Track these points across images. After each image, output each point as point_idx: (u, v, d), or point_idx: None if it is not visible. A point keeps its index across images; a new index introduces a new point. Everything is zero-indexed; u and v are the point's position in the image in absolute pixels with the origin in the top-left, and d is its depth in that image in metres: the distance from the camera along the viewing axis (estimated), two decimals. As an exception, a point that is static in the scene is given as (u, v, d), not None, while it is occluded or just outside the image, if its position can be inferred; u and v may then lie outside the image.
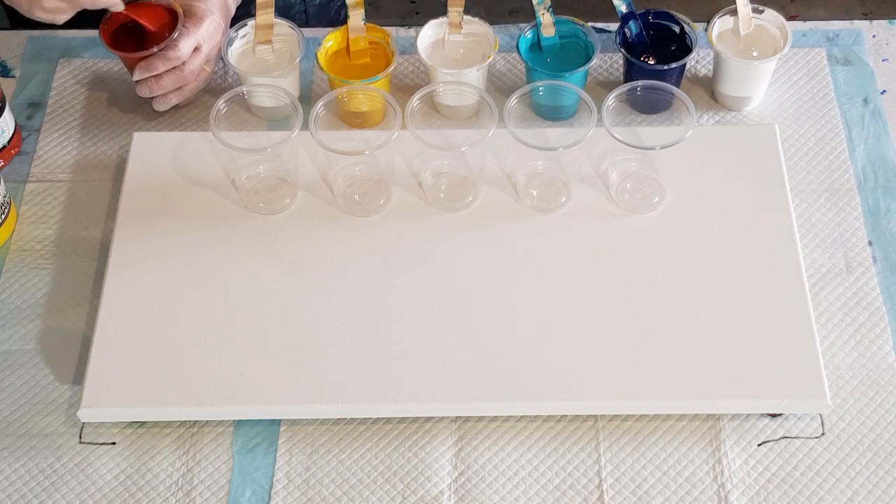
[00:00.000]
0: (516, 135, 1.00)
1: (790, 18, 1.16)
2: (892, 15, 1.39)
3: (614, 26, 1.18)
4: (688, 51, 1.14)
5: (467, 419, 0.98)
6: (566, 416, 0.98)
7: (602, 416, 0.98)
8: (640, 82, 1.06)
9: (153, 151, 1.11)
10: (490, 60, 1.12)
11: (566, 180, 1.08)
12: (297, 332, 0.99)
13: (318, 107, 1.04)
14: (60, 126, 1.19)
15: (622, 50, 1.13)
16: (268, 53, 1.16)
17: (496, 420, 0.98)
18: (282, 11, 1.17)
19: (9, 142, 1.15)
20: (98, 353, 0.98)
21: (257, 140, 1.10)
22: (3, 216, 1.09)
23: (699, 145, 1.08)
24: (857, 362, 1.01)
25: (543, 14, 1.14)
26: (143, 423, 0.98)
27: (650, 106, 1.16)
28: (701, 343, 0.98)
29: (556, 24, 1.14)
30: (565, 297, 1.01)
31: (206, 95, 1.19)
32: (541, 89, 1.09)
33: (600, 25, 1.23)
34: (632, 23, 1.15)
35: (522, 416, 0.98)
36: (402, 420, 0.98)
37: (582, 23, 1.15)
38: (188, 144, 1.12)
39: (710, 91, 1.19)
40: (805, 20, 1.26)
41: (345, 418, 0.98)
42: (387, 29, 1.17)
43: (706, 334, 0.98)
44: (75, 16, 1.11)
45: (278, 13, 1.16)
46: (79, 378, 1.00)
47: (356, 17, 1.15)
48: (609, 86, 1.18)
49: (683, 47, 1.15)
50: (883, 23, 1.26)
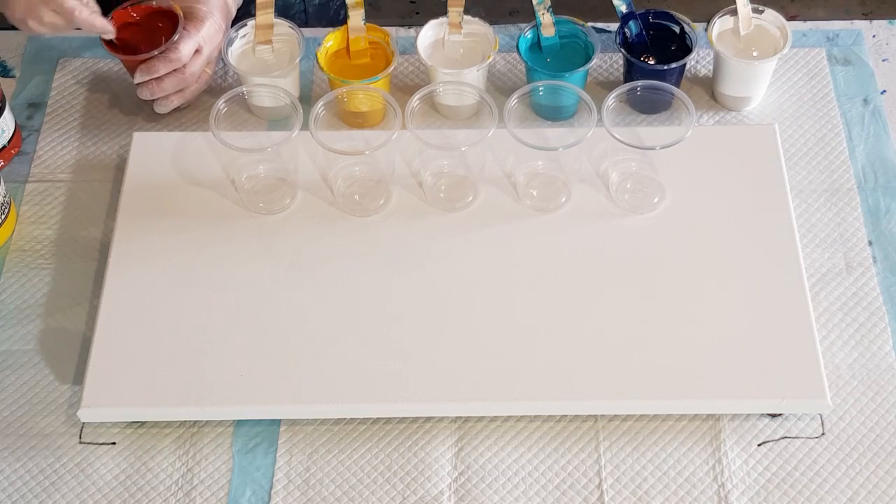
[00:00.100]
0: (516, 135, 1.00)
1: (790, 18, 1.16)
2: (892, 15, 1.38)
3: (614, 26, 1.18)
4: (688, 51, 1.14)
5: (467, 419, 0.98)
6: (566, 416, 0.98)
7: (602, 416, 0.98)
8: (640, 82, 1.06)
9: (153, 151, 1.11)
10: (490, 60, 1.12)
11: (566, 180, 1.08)
12: (296, 332, 0.99)
13: (318, 107, 1.04)
14: (60, 126, 1.19)
15: (622, 50, 1.13)
16: (268, 53, 1.16)
17: (496, 420, 0.98)
18: (281, 11, 1.17)
19: (9, 142, 1.15)
20: (98, 353, 0.98)
21: (257, 140, 1.10)
22: (3, 216, 1.09)
23: (699, 145, 1.08)
24: (857, 362, 1.01)
25: (543, 14, 1.14)
26: (143, 423, 0.98)
27: (650, 106, 1.16)
28: (701, 343, 0.98)
29: (556, 24, 1.14)
30: (565, 297, 1.01)
31: (206, 96, 1.19)
32: (541, 89, 1.09)
33: (600, 25, 1.23)
34: (632, 23, 1.15)
35: (522, 416, 0.98)
36: (402, 420, 0.98)
37: (582, 23, 1.15)
38: (188, 144, 1.12)
39: (710, 91, 1.19)
40: (805, 20, 1.26)
41: (345, 418, 0.98)
42: (387, 29, 1.17)
43: (706, 334, 0.98)
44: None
45: (278, 13, 1.16)
46: (79, 378, 1.00)
47: (356, 17, 1.15)
48: (609, 86, 1.18)
49: (683, 47, 1.15)
50: (883, 23, 1.26)
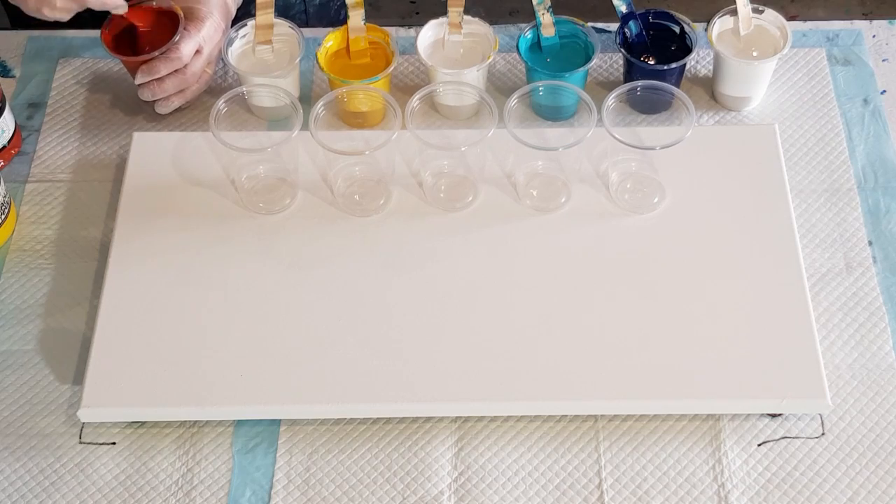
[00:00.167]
0: (516, 135, 1.00)
1: (790, 18, 1.16)
2: (892, 15, 1.38)
3: (614, 26, 1.18)
4: (688, 51, 1.13)
5: (467, 419, 0.98)
6: (566, 416, 0.98)
7: (602, 416, 0.98)
8: (640, 82, 1.06)
9: (153, 151, 1.11)
10: (490, 60, 1.12)
11: (566, 180, 1.08)
12: (297, 332, 0.99)
13: (318, 107, 1.04)
14: (60, 126, 1.19)
15: (622, 50, 1.13)
16: (268, 53, 1.16)
17: (496, 420, 0.98)
18: (282, 11, 1.17)
19: (9, 142, 1.15)
20: (98, 353, 0.98)
21: (257, 140, 1.10)
22: (3, 216, 1.08)
23: (699, 145, 1.08)
24: (857, 362, 1.01)
25: (543, 14, 1.14)
26: (143, 423, 0.98)
27: (650, 106, 1.16)
28: (701, 343, 0.98)
29: (556, 24, 1.14)
30: (565, 297, 1.01)
31: (206, 96, 1.19)
32: (541, 89, 1.09)
33: (600, 25, 1.23)
34: (632, 23, 1.15)
35: (522, 416, 0.98)
36: (402, 420, 0.98)
37: (582, 23, 1.15)
38: (188, 144, 1.12)
39: (710, 91, 1.19)
40: (805, 20, 1.25)
41: (345, 418, 0.98)
42: (387, 29, 1.17)
43: (706, 334, 0.98)
44: (75, 16, 1.11)
45: (278, 13, 1.16)
46: (79, 378, 1.00)
47: (356, 17, 1.15)
48: (609, 86, 1.18)
49: (683, 47, 1.15)
50: (883, 23, 1.26)
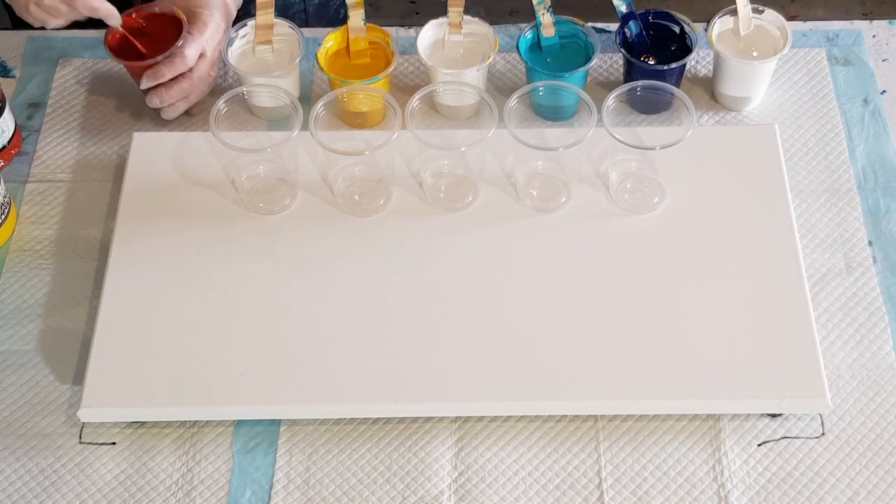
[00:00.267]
0: (516, 135, 1.00)
1: (790, 18, 1.16)
2: (892, 15, 1.39)
3: (614, 26, 1.18)
4: (688, 51, 1.14)
5: (467, 419, 0.98)
6: (566, 416, 0.98)
7: (602, 416, 0.98)
8: (640, 82, 1.06)
9: (153, 151, 1.11)
10: (490, 60, 1.12)
11: (566, 180, 1.08)
12: (297, 332, 0.99)
13: (318, 107, 1.04)
14: (60, 126, 1.19)
15: (622, 50, 1.13)
16: (268, 53, 1.16)
17: (496, 420, 0.98)
18: (281, 11, 1.17)
19: (9, 142, 1.15)
20: (98, 353, 0.98)
21: (257, 140, 1.10)
22: (3, 216, 1.09)
23: (699, 145, 1.08)
24: (857, 362, 1.01)
25: (543, 14, 1.14)
26: (143, 423, 0.98)
27: (650, 106, 1.16)
28: (701, 343, 0.98)
29: (556, 24, 1.14)
30: (565, 297, 1.01)
31: (207, 96, 1.19)
32: (541, 89, 1.09)
33: (600, 25, 1.23)
34: (632, 23, 1.15)
35: (522, 416, 0.98)
36: (402, 420, 0.98)
37: (582, 23, 1.15)
38: (188, 144, 1.12)
39: (710, 91, 1.19)
40: (805, 20, 1.26)
41: (345, 418, 0.98)
42: (387, 29, 1.17)
43: (706, 334, 0.98)
44: (76, 15, 1.11)
45: (277, 13, 1.16)
46: (79, 378, 1.00)
47: (356, 17, 1.15)
48: (609, 86, 1.18)
49: (683, 47, 1.15)
50: (883, 23, 1.26)
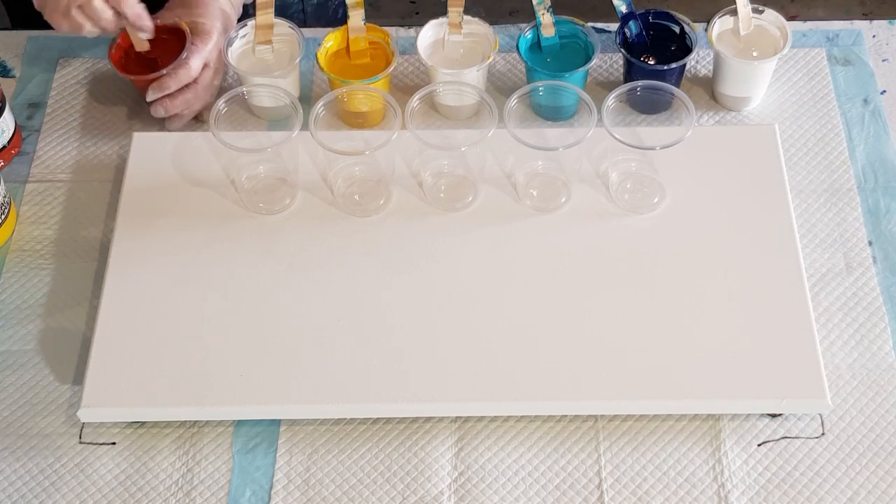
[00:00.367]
0: (516, 135, 1.00)
1: (790, 18, 1.16)
2: (892, 15, 1.38)
3: (614, 26, 1.18)
4: (688, 51, 1.14)
5: (467, 419, 0.98)
6: (566, 416, 0.98)
7: (602, 416, 0.98)
8: (640, 82, 1.06)
9: (153, 151, 1.11)
10: (490, 60, 1.12)
11: (566, 180, 1.08)
12: (297, 332, 0.99)
13: (318, 107, 1.04)
14: (60, 126, 1.19)
15: (622, 50, 1.13)
16: (268, 53, 1.16)
17: (496, 420, 0.98)
18: (279, 11, 1.17)
19: (9, 142, 1.14)
20: (98, 353, 0.98)
21: (257, 140, 1.10)
22: (3, 216, 1.08)
23: (699, 145, 1.08)
24: (857, 362, 1.01)
25: (543, 14, 1.14)
26: (143, 423, 0.98)
27: (650, 106, 1.16)
28: (701, 343, 0.98)
29: (556, 24, 1.14)
30: (565, 297, 1.01)
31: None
32: (541, 89, 1.09)
33: (600, 25, 1.23)
34: (632, 23, 1.15)
35: (522, 416, 0.98)
36: (402, 420, 0.98)
37: (582, 23, 1.15)
38: (188, 144, 1.12)
39: (710, 91, 1.19)
40: (805, 20, 1.26)
41: (345, 418, 0.98)
42: (387, 29, 1.17)
43: (706, 334, 0.98)
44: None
45: (276, 13, 1.16)
46: (79, 378, 1.00)
47: (356, 17, 1.15)
48: (609, 86, 1.18)
49: (683, 47, 1.15)
50: (883, 23, 1.26)
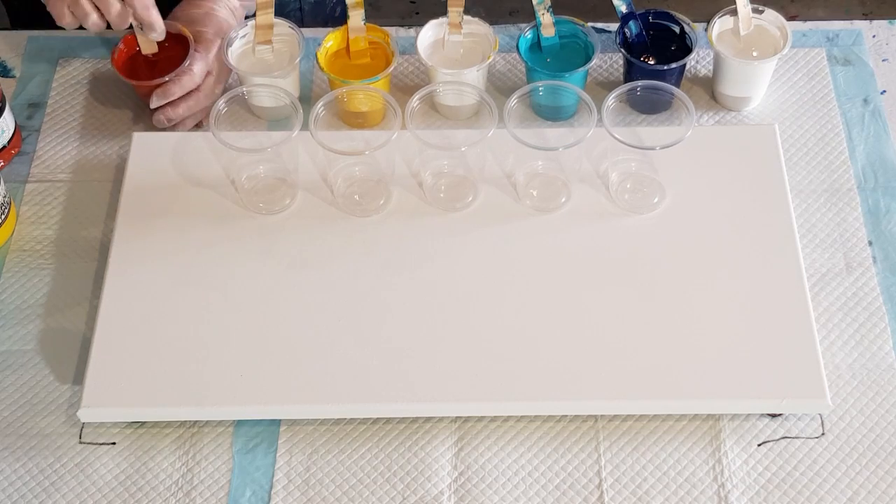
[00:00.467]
0: (516, 135, 1.00)
1: (790, 18, 1.16)
2: (892, 15, 1.39)
3: (614, 26, 1.18)
4: (688, 51, 1.14)
5: (467, 419, 0.98)
6: (566, 416, 0.98)
7: (602, 416, 0.98)
8: (640, 82, 1.06)
9: (153, 151, 1.11)
10: (490, 60, 1.12)
11: (566, 180, 1.08)
12: (297, 332, 0.99)
13: (318, 107, 1.04)
14: (60, 126, 1.19)
15: (622, 50, 1.13)
16: (268, 53, 1.16)
17: (496, 420, 0.98)
18: (276, 10, 1.17)
19: (9, 142, 1.14)
20: (98, 353, 0.98)
21: (257, 140, 1.10)
22: (3, 216, 1.08)
23: (699, 145, 1.08)
24: (857, 362, 1.01)
25: (543, 14, 1.14)
26: (143, 423, 0.98)
27: (650, 106, 1.16)
28: (701, 343, 0.98)
29: (556, 24, 1.14)
30: (565, 297, 1.01)
31: (207, 96, 1.19)
32: (541, 89, 1.09)
33: (600, 25, 1.23)
34: (632, 23, 1.15)
35: (522, 416, 0.98)
36: (402, 420, 0.98)
37: (582, 23, 1.15)
38: (188, 144, 1.12)
39: (710, 91, 1.19)
40: (805, 20, 1.26)
41: (345, 418, 0.98)
42: (387, 29, 1.17)
43: (706, 334, 0.98)
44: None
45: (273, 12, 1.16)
46: (79, 378, 1.00)
47: (356, 17, 1.15)
48: (609, 86, 1.18)
49: (683, 47, 1.15)
50: (883, 23, 1.26)
